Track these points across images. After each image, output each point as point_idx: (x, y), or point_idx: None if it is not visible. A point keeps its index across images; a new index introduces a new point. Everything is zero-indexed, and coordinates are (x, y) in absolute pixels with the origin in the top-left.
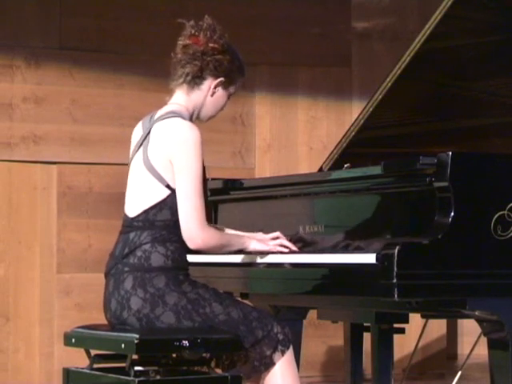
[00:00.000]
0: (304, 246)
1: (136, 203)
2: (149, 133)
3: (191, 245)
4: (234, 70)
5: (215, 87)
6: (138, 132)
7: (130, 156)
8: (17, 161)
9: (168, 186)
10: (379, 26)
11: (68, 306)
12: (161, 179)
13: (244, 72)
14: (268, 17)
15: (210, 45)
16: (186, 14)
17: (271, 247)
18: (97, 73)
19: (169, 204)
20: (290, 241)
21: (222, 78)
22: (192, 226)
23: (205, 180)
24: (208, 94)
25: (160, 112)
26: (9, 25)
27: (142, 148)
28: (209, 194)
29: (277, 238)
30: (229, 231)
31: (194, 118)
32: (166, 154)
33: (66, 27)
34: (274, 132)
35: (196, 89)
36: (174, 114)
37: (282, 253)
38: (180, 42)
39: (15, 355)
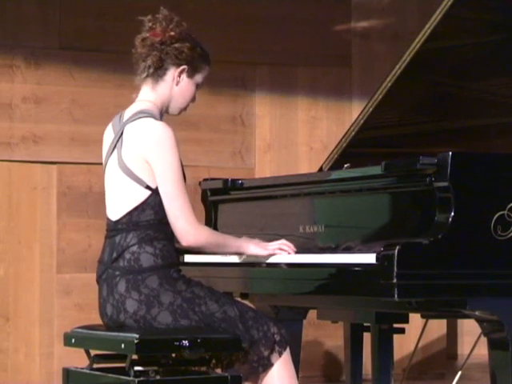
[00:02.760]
0: (304, 245)
1: (117, 206)
2: (121, 134)
3: (183, 242)
4: (196, 58)
5: (179, 75)
6: (109, 134)
7: (104, 160)
8: (17, 161)
9: (148, 187)
10: (379, 25)
11: (68, 306)
12: (139, 181)
13: (208, 60)
14: (268, 17)
15: (167, 34)
16: (186, 14)
17: (270, 251)
18: (97, 73)
19: (151, 204)
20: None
21: (184, 66)
22: (181, 225)
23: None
24: (173, 84)
25: (129, 111)
26: (9, 25)
27: (115, 151)
28: (209, 193)
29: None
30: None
31: (164, 112)
32: (141, 155)
33: (66, 27)
34: (273, 132)
35: (160, 81)
36: (145, 114)
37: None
38: (138, 37)
39: (15, 355)
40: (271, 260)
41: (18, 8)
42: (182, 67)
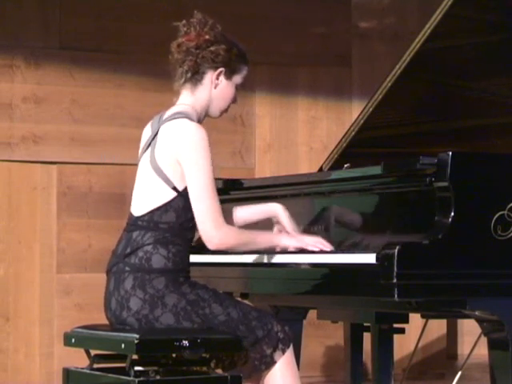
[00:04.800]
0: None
1: (142, 203)
2: (157, 133)
3: (210, 246)
4: (233, 59)
5: (217, 78)
6: (146, 132)
7: (139, 156)
8: (17, 161)
9: (175, 188)
10: (379, 26)
11: (68, 306)
12: (167, 181)
13: (246, 59)
14: (268, 17)
15: (202, 38)
16: (186, 14)
17: (303, 245)
18: (97, 73)
19: (174, 206)
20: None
21: (221, 69)
22: (207, 227)
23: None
24: (212, 87)
25: (168, 113)
26: (9, 25)
27: (149, 148)
28: None
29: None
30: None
31: (204, 115)
32: (173, 155)
33: (66, 27)
34: (273, 132)
35: (199, 85)
36: (181, 115)
37: (313, 252)
38: (173, 43)
39: (15, 355)
40: (271, 260)
41: (18, 8)
42: (219, 70)
